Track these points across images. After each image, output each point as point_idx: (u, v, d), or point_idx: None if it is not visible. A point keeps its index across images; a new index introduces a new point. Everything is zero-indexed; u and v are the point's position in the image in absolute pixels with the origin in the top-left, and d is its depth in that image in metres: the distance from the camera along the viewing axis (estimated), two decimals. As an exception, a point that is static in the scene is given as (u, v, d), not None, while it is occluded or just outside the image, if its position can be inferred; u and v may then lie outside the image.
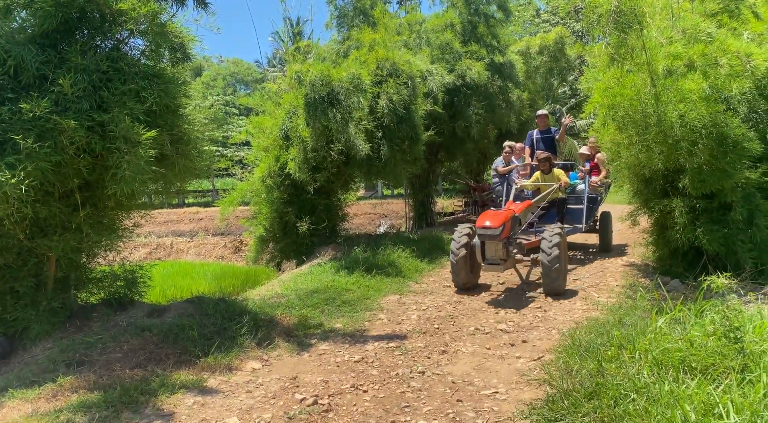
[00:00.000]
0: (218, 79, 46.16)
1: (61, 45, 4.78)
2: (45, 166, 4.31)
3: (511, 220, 6.76)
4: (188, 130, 5.68)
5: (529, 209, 7.61)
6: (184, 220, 20.43)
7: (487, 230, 6.49)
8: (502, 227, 6.48)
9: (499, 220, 6.55)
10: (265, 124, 9.99)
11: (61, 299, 5.14)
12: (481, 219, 6.72)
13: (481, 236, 6.56)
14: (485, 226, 6.52)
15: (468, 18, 12.87)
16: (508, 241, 6.65)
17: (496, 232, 6.42)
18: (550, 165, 8.79)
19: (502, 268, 6.63)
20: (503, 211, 7.00)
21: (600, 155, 9.44)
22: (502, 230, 6.46)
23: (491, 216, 6.72)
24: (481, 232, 6.53)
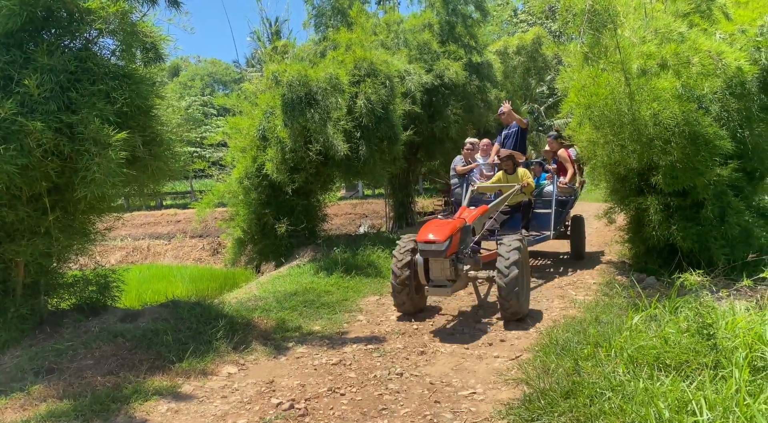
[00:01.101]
0: (196, 79, 45.69)
1: (27, 44, 4.65)
2: (11, 169, 4.18)
3: (461, 232, 5.72)
4: (161, 132, 5.57)
5: (485, 216, 6.62)
6: (162, 223, 20.15)
7: (430, 245, 5.36)
8: (449, 241, 5.38)
9: (445, 231, 5.43)
10: (241, 124, 9.88)
11: (30, 305, 5.01)
12: (424, 231, 5.56)
13: (424, 252, 5.46)
14: (428, 239, 5.38)
15: (446, 18, 12.90)
16: (457, 258, 5.63)
17: (441, 247, 5.31)
18: (513, 164, 7.98)
19: (450, 290, 5.53)
20: (451, 220, 5.87)
21: (562, 152, 8.54)
22: (448, 245, 5.36)
23: (436, 227, 5.58)
24: (424, 247, 5.40)
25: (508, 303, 5.42)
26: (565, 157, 8.45)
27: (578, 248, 8.65)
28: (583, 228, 8.70)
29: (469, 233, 5.96)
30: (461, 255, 5.72)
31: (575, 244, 8.65)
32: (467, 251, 5.84)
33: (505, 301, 5.43)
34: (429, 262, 5.55)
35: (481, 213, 6.44)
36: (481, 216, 6.45)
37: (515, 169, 7.96)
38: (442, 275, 5.50)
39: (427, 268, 5.59)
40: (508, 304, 5.44)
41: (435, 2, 13.03)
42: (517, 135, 9.02)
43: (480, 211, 6.42)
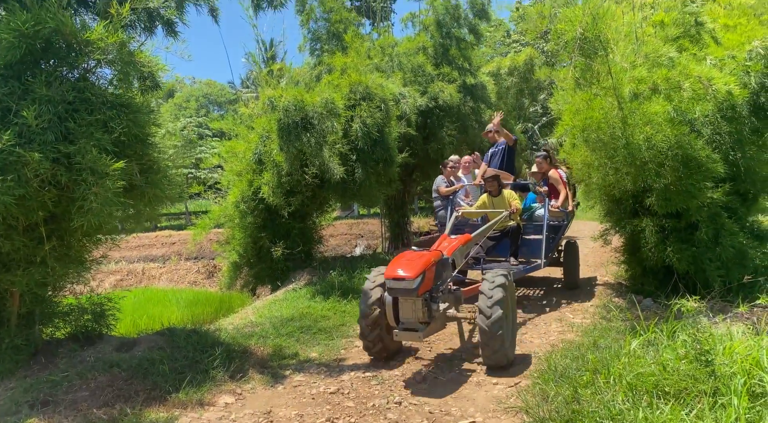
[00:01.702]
0: (191, 100, 45.90)
1: (25, 76, 4.67)
2: (8, 200, 4.18)
3: (437, 266, 5.05)
4: (158, 159, 5.58)
5: (467, 246, 6.06)
6: (157, 245, 20.07)
7: (399, 282, 4.71)
8: (421, 277, 4.73)
9: (416, 266, 4.77)
10: (237, 148, 9.92)
11: (25, 336, 4.96)
12: (393, 265, 4.90)
13: (392, 290, 4.81)
14: (397, 275, 4.73)
15: (440, 41, 13.06)
16: (431, 297, 4.94)
17: (411, 284, 4.66)
18: (499, 185, 7.34)
19: (423, 334, 4.83)
20: (425, 252, 5.17)
21: (553, 173, 7.96)
22: (420, 281, 4.71)
23: (406, 261, 4.90)
24: (392, 284, 4.76)
25: (491, 348, 4.78)
26: (556, 178, 7.89)
27: (572, 277, 8.03)
28: (577, 255, 8.14)
29: (447, 267, 5.32)
30: (437, 293, 5.03)
31: (569, 272, 8.04)
32: (445, 287, 5.20)
33: (487, 346, 4.79)
34: (399, 302, 4.90)
35: (463, 243, 5.86)
36: (463, 246, 5.87)
37: (500, 191, 7.39)
38: (413, 317, 4.85)
39: (397, 308, 4.93)
40: (490, 350, 4.79)
41: (429, 26, 13.20)
42: (504, 153, 8.48)
43: (461, 242, 5.83)
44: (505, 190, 7.44)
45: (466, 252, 6.06)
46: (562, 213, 7.82)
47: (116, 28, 4.80)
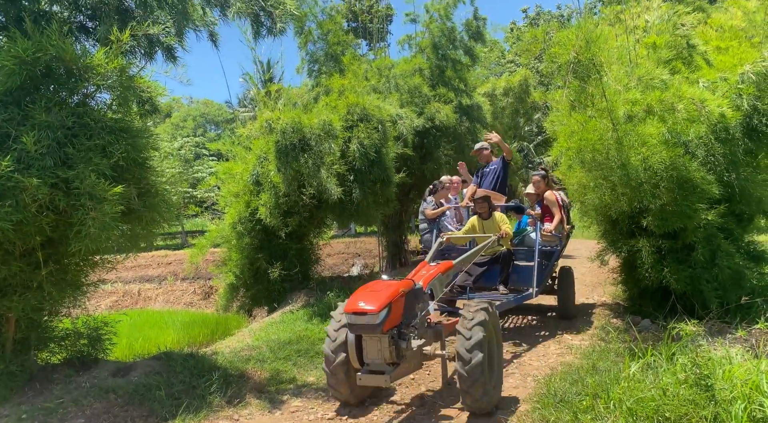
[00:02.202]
0: (188, 120, 46.08)
1: (25, 101, 4.70)
2: (5, 225, 4.17)
3: (406, 298, 4.45)
4: (156, 182, 5.60)
5: (448, 274, 5.49)
6: (153, 265, 19.98)
7: (360, 317, 4.13)
8: (386, 311, 4.14)
9: (380, 298, 4.17)
10: (235, 169, 9.96)
11: (20, 362, 4.92)
12: (355, 297, 4.33)
13: (353, 327, 4.23)
14: (358, 309, 4.15)
15: (436, 63, 13.22)
16: (399, 334, 4.33)
17: (374, 319, 4.07)
18: (489, 207, 6.86)
19: (390, 377, 4.17)
20: (394, 282, 4.59)
21: (548, 194, 7.44)
22: (386, 316, 4.12)
23: (370, 293, 4.32)
24: (353, 319, 4.17)
25: (472, 396, 4.22)
26: (552, 200, 7.39)
27: (567, 305, 7.48)
28: (572, 282, 7.63)
29: (421, 298, 4.73)
30: (407, 328, 4.41)
31: (563, 301, 7.49)
32: (421, 321, 4.65)
33: (467, 394, 4.22)
34: (363, 340, 4.31)
35: (443, 271, 5.29)
36: (443, 274, 5.31)
37: (491, 214, 6.87)
38: (378, 357, 4.23)
39: (362, 346, 4.33)
40: (471, 398, 4.23)
41: (425, 48, 13.36)
42: (498, 172, 7.85)
43: (441, 269, 5.26)
44: (497, 213, 6.93)
45: (447, 281, 5.51)
46: (556, 238, 7.34)
47: (116, 54, 4.84)
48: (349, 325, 4.25)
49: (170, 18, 5.25)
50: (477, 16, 13.67)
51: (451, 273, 5.56)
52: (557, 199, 7.38)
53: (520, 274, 7.04)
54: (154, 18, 5.22)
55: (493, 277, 6.86)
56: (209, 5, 5.65)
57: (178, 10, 5.27)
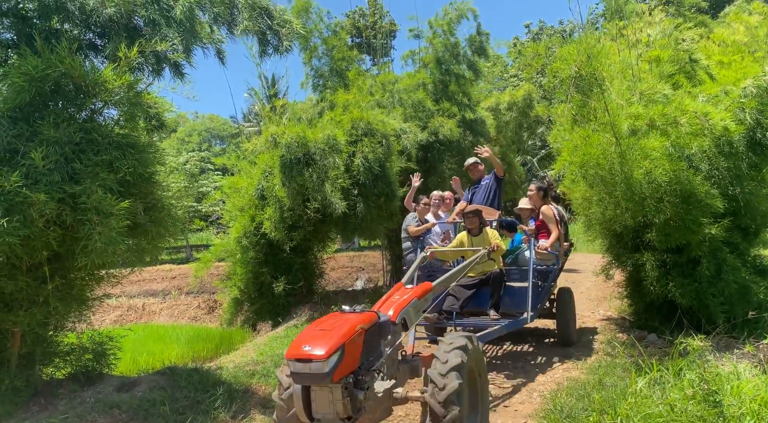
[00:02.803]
0: (193, 134, 46.39)
1: (34, 117, 4.76)
2: (13, 240, 4.20)
3: (366, 335, 3.68)
4: (162, 197, 5.64)
5: (426, 298, 4.64)
6: (157, 279, 20.00)
7: (304, 364, 3.35)
8: (338, 356, 3.37)
9: (330, 339, 3.41)
10: (240, 184, 10.01)
11: (25, 377, 4.92)
12: (300, 339, 3.54)
13: (297, 376, 3.43)
14: (302, 355, 3.37)
15: (439, 77, 13.29)
16: (356, 381, 3.59)
17: (322, 368, 3.30)
18: (480, 223, 6.34)
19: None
20: (352, 316, 3.77)
21: (546, 209, 6.80)
22: (337, 362, 3.36)
23: (318, 333, 3.54)
24: (297, 367, 3.38)
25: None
26: (549, 215, 6.76)
27: (567, 331, 6.82)
28: (572, 304, 6.98)
29: (388, 331, 3.97)
30: (366, 374, 3.64)
31: (563, 325, 6.82)
32: (391, 358, 3.94)
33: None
34: (311, 391, 3.51)
35: (420, 295, 4.48)
36: (420, 299, 4.48)
37: (482, 229, 6.34)
38: (330, 411, 3.46)
39: (308, 399, 3.53)
40: None
41: (428, 63, 13.46)
42: (490, 187, 7.43)
43: (417, 294, 4.47)
44: (488, 229, 6.42)
45: (426, 305, 4.69)
46: (552, 256, 6.70)
47: (124, 70, 4.91)
48: (293, 373, 3.41)
49: (178, 35, 5.32)
50: (480, 32, 13.77)
51: (430, 296, 4.72)
52: (554, 214, 6.80)
53: (513, 296, 6.40)
54: (162, 35, 5.29)
55: (483, 300, 6.22)
56: (217, 23, 5.72)
57: (186, 28, 5.34)
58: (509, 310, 6.31)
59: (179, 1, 5.34)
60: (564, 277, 12.10)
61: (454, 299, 6.01)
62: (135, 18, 5.39)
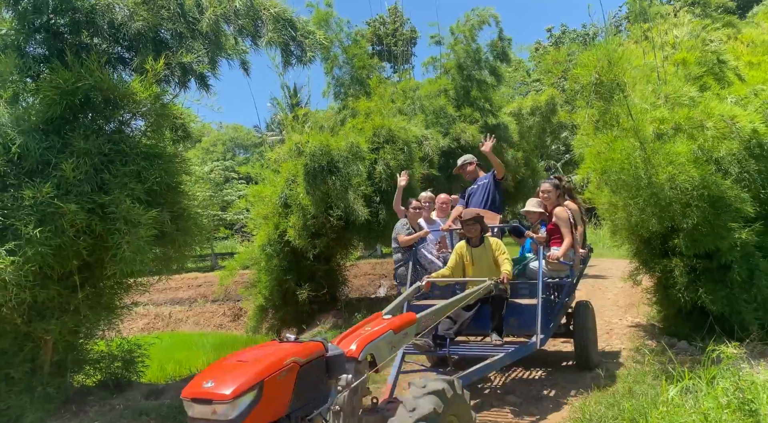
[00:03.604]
0: (218, 144, 47.03)
1: (65, 130, 4.89)
2: (45, 250, 4.32)
3: (301, 373, 2.88)
4: (188, 206, 5.75)
5: (406, 332, 3.78)
6: (183, 287, 20.24)
7: (205, 408, 2.59)
8: (252, 397, 2.61)
9: (243, 377, 2.63)
10: (264, 192, 10.12)
11: (56, 384, 5.03)
12: (204, 374, 2.77)
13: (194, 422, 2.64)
14: (202, 393, 2.61)
15: (461, 83, 13.30)
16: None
17: (226, 413, 2.54)
18: (481, 230, 5.37)
19: None
20: (285, 347, 3.00)
21: (560, 211, 5.75)
22: (248, 408, 2.59)
23: (228, 366, 2.78)
24: (195, 412, 2.63)
25: None
26: (564, 217, 5.70)
27: (586, 352, 5.79)
28: (591, 320, 6.02)
29: (340, 369, 3.12)
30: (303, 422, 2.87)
31: (581, 346, 5.79)
32: (330, 407, 3.00)
33: None
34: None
35: (397, 327, 3.63)
36: (396, 333, 3.61)
37: (483, 239, 5.38)
38: None
39: None
40: None
41: (450, 69, 13.47)
42: (489, 188, 6.44)
43: (393, 326, 3.62)
44: (490, 238, 5.45)
45: (405, 341, 3.83)
46: (566, 266, 5.60)
47: (151, 82, 5.02)
48: (190, 419, 2.63)
49: (203, 48, 5.43)
50: (502, 37, 13.75)
51: (412, 331, 3.85)
52: (569, 217, 5.76)
53: (520, 316, 5.34)
54: (187, 47, 5.40)
55: (485, 320, 5.28)
56: (241, 35, 5.82)
57: (211, 40, 5.45)
58: (516, 332, 5.49)
59: (205, 14, 5.45)
60: (590, 283, 11.96)
61: (450, 321, 5.10)
62: (162, 31, 5.52)
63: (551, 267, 5.59)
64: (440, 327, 4.97)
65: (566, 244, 5.58)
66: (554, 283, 5.67)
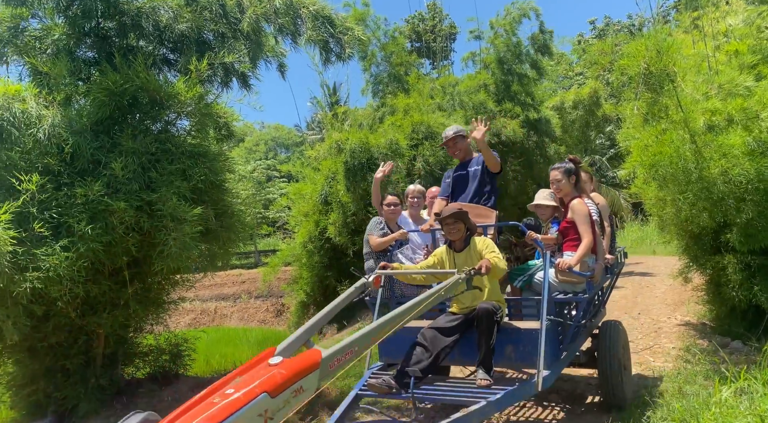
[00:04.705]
0: (260, 144, 47.89)
1: (113, 130, 5.07)
2: (96, 246, 4.48)
3: None
4: (232, 204, 5.86)
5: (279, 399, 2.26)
6: (228, 284, 20.73)
7: None
8: None
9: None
10: (304, 190, 10.24)
11: (109, 376, 5.23)
12: None
13: None
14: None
15: (501, 78, 13.10)
16: None
17: None
18: (466, 230, 3.95)
19: None
20: None
21: (577, 205, 4.29)
22: None
23: None
24: None
25: None
26: (582, 212, 4.25)
27: (613, 385, 4.48)
28: (623, 346, 4.74)
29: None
30: None
31: (607, 379, 4.48)
32: None
33: None
34: None
35: (277, 386, 2.27)
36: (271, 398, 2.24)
37: (469, 241, 3.93)
38: None
39: None
40: None
41: (490, 63, 13.29)
42: (482, 175, 4.83)
43: (270, 385, 2.27)
44: (479, 239, 3.96)
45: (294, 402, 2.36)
46: (583, 278, 4.13)
47: (195, 82, 5.14)
48: None
49: (245, 47, 5.52)
50: (543, 30, 13.48)
51: (310, 382, 2.45)
52: (589, 212, 4.29)
53: (519, 343, 3.91)
54: (229, 46, 5.51)
55: (469, 348, 3.85)
56: (281, 34, 5.89)
57: (252, 40, 5.54)
58: (515, 364, 4.25)
59: (246, 14, 5.54)
60: (636, 281, 11.63)
61: (422, 351, 3.63)
62: (204, 32, 5.63)
63: (562, 278, 4.21)
64: (412, 358, 3.64)
65: (583, 247, 4.14)
66: (569, 299, 4.19)
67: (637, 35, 14.84)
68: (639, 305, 8.55)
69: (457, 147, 5.10)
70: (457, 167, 5.10)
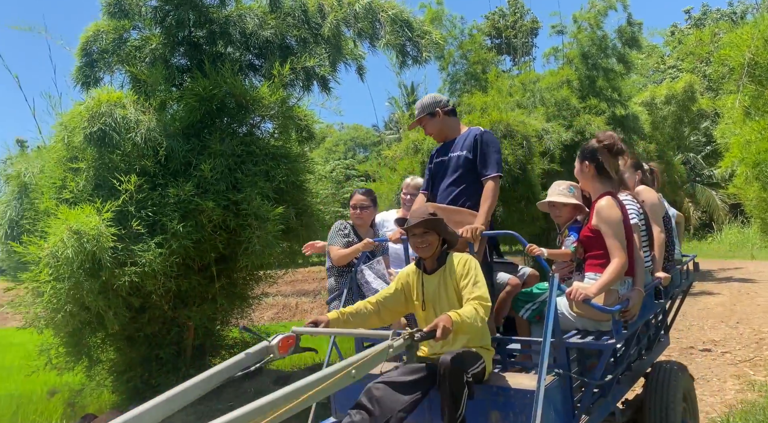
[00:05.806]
0: (339, 144, 48.84)
1: (203, 133, 5.34)
2: (187, 243, 4.74)
3: None
4: (311, 203, 6.03)
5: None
6: (308, 280, 21.30)
7: None
8: None
9: None
10: (381, 189, 10.32)
11: (198, 366, 5.51)
12: None
13: None
14: None
15: (585, 73, 12.63)
16: None
17: None
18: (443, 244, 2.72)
19: None
20: None
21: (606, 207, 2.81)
22: None
23: None
24: None
25: None
26: (612, 219, 2.80)
27: None
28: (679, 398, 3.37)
29: None
30: None
31: None
32: None
33: None
34: None
35: None
36: None
37: (446, 258, 2.71)
38: None
39: None
40: None
41: (573, 58, 12.84)
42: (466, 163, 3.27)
43: None
44: (459, 256, 2.70)
45: None
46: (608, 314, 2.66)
47: (278, 87, 5.32)
48: None
49: (325, 52, 5.65)
50: (631, 22, 12.86)
51: None
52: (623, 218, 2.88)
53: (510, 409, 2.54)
54: (310, 51, 5.66)
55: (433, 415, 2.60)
56: (360, 38, 5.98)
57: (332, 44, 5.66)
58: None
59: (327, 19, 5.67)
60: (736, 287, 10.82)
61: (363, 418, 2.34)
62: (287, 38, 5.82)
63: (579, 311, 2.84)
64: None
65: (610, 273, 2.73)
66: (584, 344, 2.75)
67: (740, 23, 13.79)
68: (737, 314, 7.95)
69: (428, 130, 3.58)
70: (438, 149, 3.54)
